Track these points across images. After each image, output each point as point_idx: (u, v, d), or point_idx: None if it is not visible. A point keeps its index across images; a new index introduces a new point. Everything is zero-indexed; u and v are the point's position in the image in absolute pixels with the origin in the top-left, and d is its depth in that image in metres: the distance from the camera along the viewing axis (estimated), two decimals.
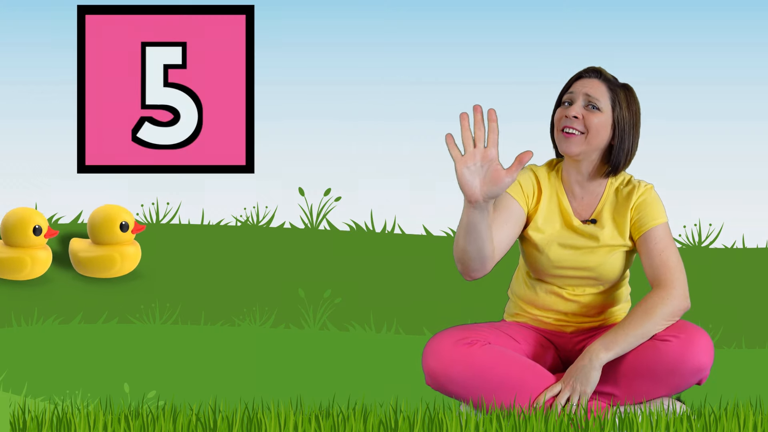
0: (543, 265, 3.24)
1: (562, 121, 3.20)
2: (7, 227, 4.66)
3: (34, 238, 4.62)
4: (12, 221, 4.66)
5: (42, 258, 4.65)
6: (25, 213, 4.66)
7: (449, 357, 3.11)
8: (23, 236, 4.62)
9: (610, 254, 3.21)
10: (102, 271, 4.68)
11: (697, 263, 4.80)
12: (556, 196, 3.26)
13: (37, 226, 4.62)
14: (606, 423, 2.98)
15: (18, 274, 4.65)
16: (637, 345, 3.10)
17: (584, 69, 3.27)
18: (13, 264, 4.64)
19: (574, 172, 3.25)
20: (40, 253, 4.65)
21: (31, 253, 4.64)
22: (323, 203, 4.88)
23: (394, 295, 4.66)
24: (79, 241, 4.74)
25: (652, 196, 3.23)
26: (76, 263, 4.71)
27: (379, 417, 2.97)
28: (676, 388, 3.11)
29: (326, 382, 4.07)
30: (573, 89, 3.23)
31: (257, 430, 2.95)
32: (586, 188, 3.25)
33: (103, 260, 4.67)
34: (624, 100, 3.23)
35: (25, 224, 4.63)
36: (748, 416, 2.97)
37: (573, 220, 3.23)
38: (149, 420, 2.98)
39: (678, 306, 3.12)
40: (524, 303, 3.32)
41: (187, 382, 4.08)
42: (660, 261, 3.16)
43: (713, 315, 4.52)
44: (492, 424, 2.93)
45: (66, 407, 3.12)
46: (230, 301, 4.63)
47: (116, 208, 4.69)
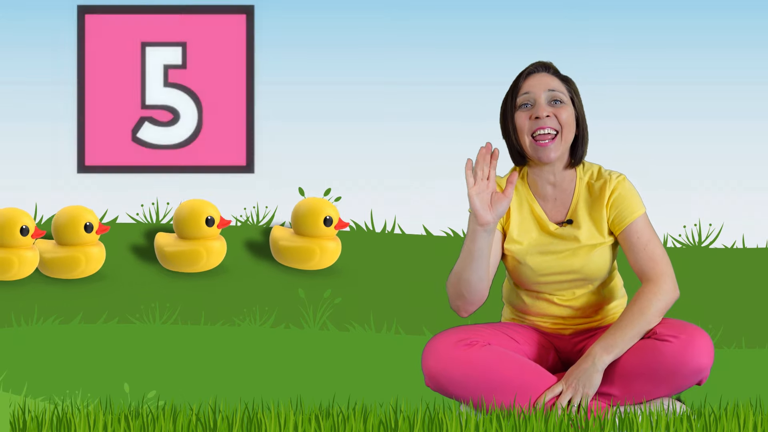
0: (527, 275, 3.21)
1: (530, 124, 3.14)
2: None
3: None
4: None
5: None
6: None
7: (449, 358, 3.10)
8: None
9: (593, 252, 3.18)
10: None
11: (697, 263, 4.80)
12: (526, 203, 3.22)
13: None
14: (606, 423, 2.97)
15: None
16: (636, 342, 3.10)
17: (531, 65, 3.20)
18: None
19: (546, 173, 3.19)
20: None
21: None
22: None
23: (394, 295, 4.66)
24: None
25: (626, 188, 3.18)
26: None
27: (379, 417, 2.97)
28: (676, 388, 3.11)
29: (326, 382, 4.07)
30: (528, 89, 3.16)
31: (257, 430, 2.95)
32: (558, 187, 3.20)
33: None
34: (575, 90, 3.20)
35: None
36: (748, 416, 2.97)
37: (549, 225, 3.20)
38: (149, 420, 2.98)
39: (670, 299, 3.14)
40: (518, 311, 3.31)
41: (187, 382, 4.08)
42: (646, 255, 3.15)
43: (713, 315, 4.52)
44: (492, 424, 2.93)
45: (66, 407, 3.12)
46: (230, 301, 4.63)
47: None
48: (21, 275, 4.66)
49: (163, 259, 4.72)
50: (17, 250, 4.64)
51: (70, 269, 4.66)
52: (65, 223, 4.66)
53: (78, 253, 4.65)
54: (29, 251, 4.65)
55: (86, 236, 4.64)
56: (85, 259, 4.65)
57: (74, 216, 4.66)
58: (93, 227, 4.65)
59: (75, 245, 4.65)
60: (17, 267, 4.64)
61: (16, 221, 4.63)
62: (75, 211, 4.67)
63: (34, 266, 4.67)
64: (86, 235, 4.64)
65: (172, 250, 4.69)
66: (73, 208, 4.68)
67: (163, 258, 4.71)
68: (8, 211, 4.66)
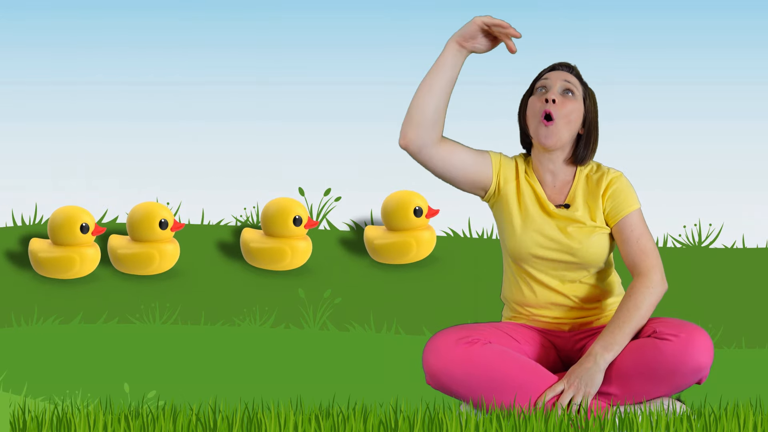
0: (526, 244, 3.24)
1: (540, 105, 3.23)
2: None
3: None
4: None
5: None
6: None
7: (450, 356, 3.11)
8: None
9: (591, 236, 3.22)
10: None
11: (697, 263, 4.81)
12: (529, 184, 3.28)
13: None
14: (606, 423, 2.98)
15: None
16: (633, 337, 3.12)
17: (557, 63, 3.31)
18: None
19: (546, 161, 3.27)
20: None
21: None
22: (323, 203, 4.89)
23: (394, 295, 4.67)
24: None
25: (624, 183, 3.26)
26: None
27: (379, 417, 2.97)
28: (676, 387, 3.11)
29: (326, 382, 4.07)
30: (547, 77, 3.27)
31: (257, 430, 2.95)
32: (557, 176, 3.28)
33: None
34: (591, 96, 3.30)
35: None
36: (748, 416, 2.98)
37: (548, 205, 3.25)
38: (149, 420, 2.98)
39: (660, 292, 3.21)
40: (518, 305, 3.32)
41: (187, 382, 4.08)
42: (638, 248, 3.21)
43: (713, 315, 4.52)
44: (492, 424, 2.93)
45: (66, 407, 3.12)
46: (230, 301, 4.63)
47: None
48: (83, 273, 4.68)
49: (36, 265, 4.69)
50: (78, 248, 4.65)
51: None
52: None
53: (73, 253, 4.65)
54: (90, 249, 4.66)
55: (82, 237, 4.64)
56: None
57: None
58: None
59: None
60: (79, 265, 4.65)
61: (76, 219, 4.64)
62: (71, 212, 4.67)
63: (95, 264, 4.68)
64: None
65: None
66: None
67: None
68: (68, 209, 4.67)
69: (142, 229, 4.67)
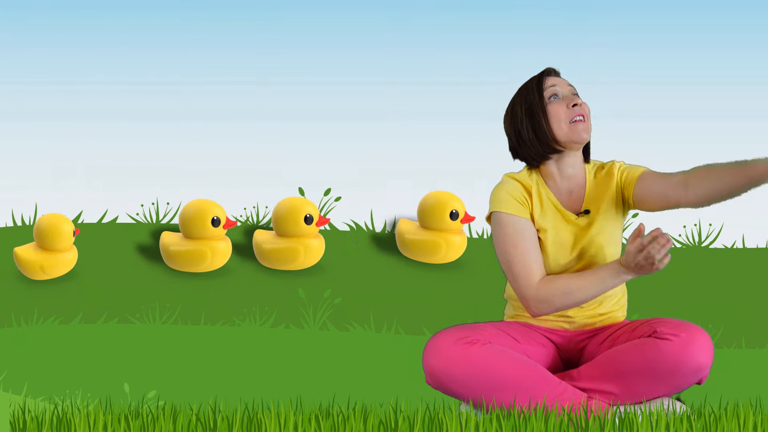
0: (546, 264, 3.24)
1: (568, 111, 3.23)
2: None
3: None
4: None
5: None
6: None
7: (450, 355, 3.11)
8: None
9: (610, 240, 3.25)
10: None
11: (697, 263, 4.80)
12: (546, 197, 3.28)
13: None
14: (606, 423, 2.98)
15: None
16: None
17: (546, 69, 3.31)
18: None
19: (566, 165, 3.28)
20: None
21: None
22: (323, 203, 4.89)
23: (394, 295, 4.67)
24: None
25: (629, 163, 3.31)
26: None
27: (379, 417, 2.97)
28: (675, 387, 3.12)
29: (326, 382, 4.07)
30: (553, 83, 3.27)
31: (257, 430, 2.95)
32: (573, 179, 3.28)
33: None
34: None
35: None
36: (748, 416, 2.98)
37: (569, 215, 3.25)
38: (149, 420, 2.98)
39: None
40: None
41: (187, 382, 4.09)
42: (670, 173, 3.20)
43: (713, 315, 4.52)
44: (492, 424, 2.93)
45: (66, 407, 3.12)
46: (230, 301, 4.63)
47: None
48: (214, 266, 4.69)
49: (168, 258, 4.72)
50: (210, 242, 4.66)
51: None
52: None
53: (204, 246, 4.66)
54: (222, 242, 4.66)
55: (213, 230, 4.65)
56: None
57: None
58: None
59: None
60: (210, 258, 4.66)
61: (208, 212, 4.65)
62: (202, 205, 4.68)
63: (226, 257, 4.69)
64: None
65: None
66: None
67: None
68: (198, 203, 4.68)
69: (288, 224, 4.68)
